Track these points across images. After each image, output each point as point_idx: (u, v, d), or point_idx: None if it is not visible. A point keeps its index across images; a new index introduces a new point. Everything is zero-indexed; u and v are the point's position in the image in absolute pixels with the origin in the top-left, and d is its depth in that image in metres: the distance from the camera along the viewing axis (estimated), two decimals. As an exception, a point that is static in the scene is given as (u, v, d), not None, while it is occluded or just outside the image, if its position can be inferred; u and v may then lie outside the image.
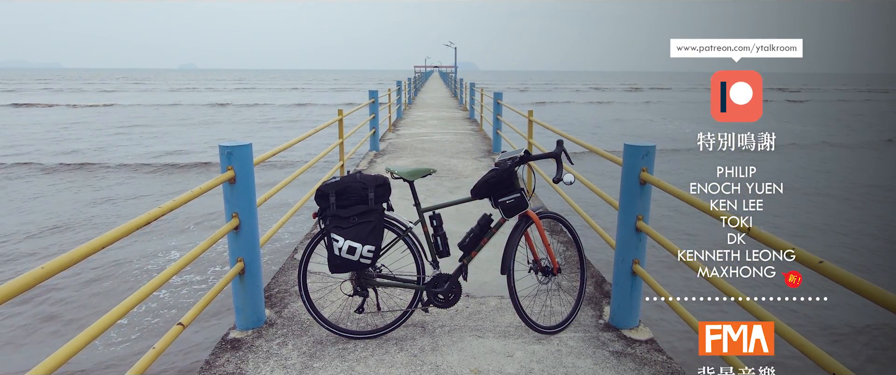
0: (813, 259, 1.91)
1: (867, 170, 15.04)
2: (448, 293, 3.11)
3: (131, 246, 8.08)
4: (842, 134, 23.77)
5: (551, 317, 3.34)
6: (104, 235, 1.98)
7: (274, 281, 4.04)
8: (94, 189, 12.42)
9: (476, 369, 2.84)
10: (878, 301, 1.64)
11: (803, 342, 1.98)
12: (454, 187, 7.09)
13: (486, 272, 4.10)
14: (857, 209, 10.81)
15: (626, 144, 3.16)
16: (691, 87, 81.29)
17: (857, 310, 5.68)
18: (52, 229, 9.19)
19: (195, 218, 9.50)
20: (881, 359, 5.23)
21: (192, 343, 5.26)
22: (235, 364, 2.90)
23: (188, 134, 23.15)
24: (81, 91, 61.95)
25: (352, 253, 2.87)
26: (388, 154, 9.90)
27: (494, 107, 10.51)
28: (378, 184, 2.96)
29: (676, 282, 6.56)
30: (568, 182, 3.01)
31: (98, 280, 6.98)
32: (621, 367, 2.89)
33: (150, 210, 2.30)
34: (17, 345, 5.42)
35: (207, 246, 2.85)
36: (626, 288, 3.26)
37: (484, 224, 3.09)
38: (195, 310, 2.73)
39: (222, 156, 3.05)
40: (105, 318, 2.02)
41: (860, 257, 8.00)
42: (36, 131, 23.29)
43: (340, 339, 3.14)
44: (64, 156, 16.69)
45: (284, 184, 4.52)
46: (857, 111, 37.61)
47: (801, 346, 1.97)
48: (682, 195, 2.78)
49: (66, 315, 6.03)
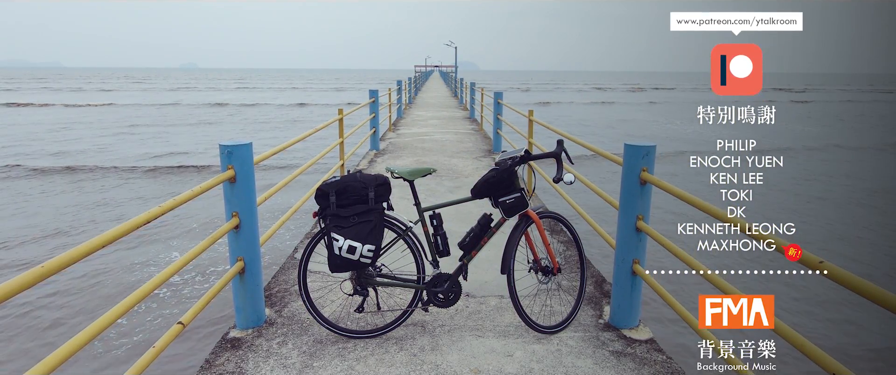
0: (813, 259, 1.92)
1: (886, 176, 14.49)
2: (448, 292, 3.11)
3: (131, 245, 8.08)
4: (858, 135, 23.07)
5: (551, 317, 3.34)
6: (104, 234, 1.98)
7: (274, 281, 4.04)
8: (82, 193, 11.84)
9: (476, 368, 2.84)
10: (879, 301, 1.64)
11: (803, 342, 1.98)
12: (454, 187, 7.09)
13: (486, 271, 4.10)
14: (885, 215, 10.33)
15: (627, 144, 3.16)
16: (694, 88, 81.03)
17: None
18: (35, 237, 8.77)
19: (199, 219, 9.50)
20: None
21: (193, 342, 5.26)
22: (235, 364, 2.90)
23: (184, 136, 22.40)
24: (81, 90, 61.74)
25: (352, 253, 2.87)
26: (389, 153, 9.90)
27: (495, 106, 10.51)
28: (378, 184, 2.96)
29: (676, 282, 6.56)
30: (568, 181, 3.01)
31: (98, 279, 6.98)
32: (621, 367, 2.89)
33: (149, 209, 2.30)
34: (16, 344, 5.42)
35: (207, 245, 2.85)
36: (626, 288, 3.26)
37: (484, 223, 3.09)
38: (195, 309, 2.73)
39: (222, 156, 3.05)
40: (105, 317, 2.02)
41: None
42: (31, 132, 22.70)
43: (340, 338, 3.14)
44: (51, 158, 16.02)
45: (284, 184, 4.52)
46: (868, 111, 36.93)
47: (801, 346, 1.97)
48: (682, 195, 2.78)
49: (65, 315, 6.03)
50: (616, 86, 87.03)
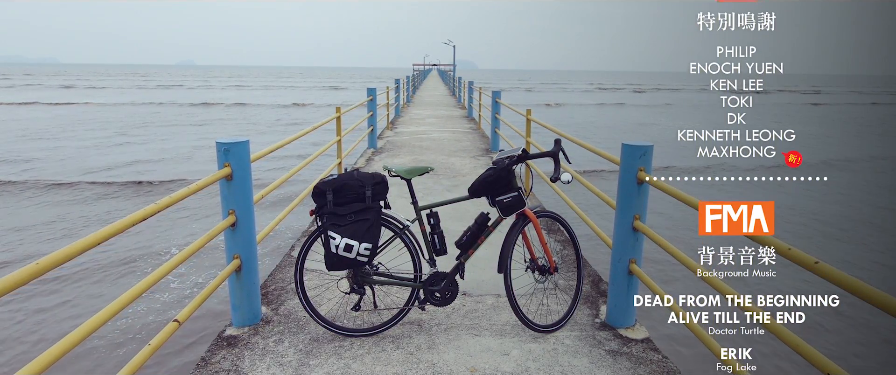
0: (809, 259, 1.92)
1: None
2: (445, 291, 3.11)
3: (126, 242, 8.06)
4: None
5: (548, 316, 3.34)
6: (99, 231, 1.97)
7: (270, 279, 4.03)
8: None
9: (473, 367, 2.84)
10: (873, 302, 1.64)
11: (799, 342, 1.99)
12: (452, 185, 7.09)
13: (483, 270, 4.10)
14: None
15: (624, 144, 3.16)
16: (702, 89, 79.87)
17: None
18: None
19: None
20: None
21: (188, 339, 5.25)
22: (231, 361, 2.89)
23: (153, 142, 19.39)
24: (73, 87, 60.28)
25: (349, 251, 2.87)
26: (386, 152, 9.89)
27: (493, 105, 10.51)
28: (375, 182, 2.96)
29: (673, 282, 6.57)
30: (566, 181, 3.01)
31: (93, 277, 6.96)
32: (617, 366, 2.89)
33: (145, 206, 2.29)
34: (11, 342, 5.40)
35: (204, 242, 2.85)
36: (623, 288, 3.26)
37: (481, 222, 3.09)
38: (191, 307, 2.72)
39: (219, 153, 3.04)
40: (100, 315, 2.01)
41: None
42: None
43: (337, 337, 3.14)
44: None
45: (282, 182, 4.51)
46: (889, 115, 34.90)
47: (797, 346, 1.98)
48: (679, 195, 2.78)
49: (60, 312, 6.01)
50: (622, 86, 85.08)
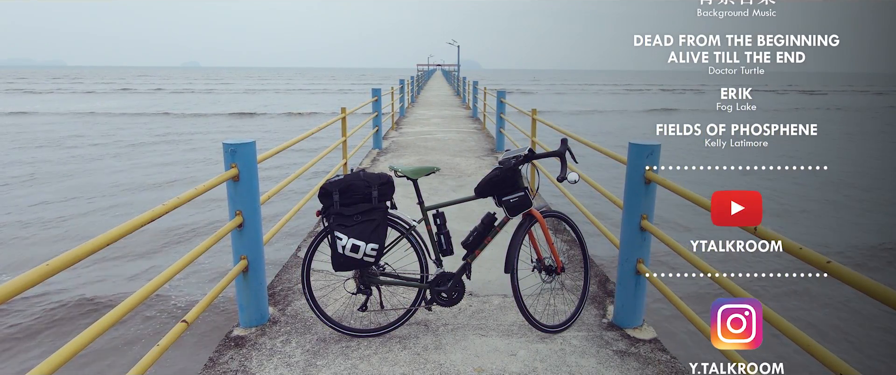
0: (821, 259, 1.90)
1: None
2: (451, 291, 3.10)
3: (133, 245, 8.10)
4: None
5: (555, 316, 3.33)
6: (107, 233, 1.97)
7: (277, 279, 4.04)
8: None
9: (479, 367, 2.84)
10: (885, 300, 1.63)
11: (805, 339, 1.97)
12: (457, 186, 7.08)
13: (489, 270, 4.09)
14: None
15: (631, 143, 3.14)
16: (706, 88, 78.27)
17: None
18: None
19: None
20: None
21: (196, 340, 5.27)
22: (239, 362, 2.90)
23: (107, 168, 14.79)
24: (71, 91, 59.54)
25: (355, 252, 2.87)
26: (391, 152, 9.89)
27: (498, 105, 10.50)
28: (381, 183, 2.96)
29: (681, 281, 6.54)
30: (572, 181, 3.00)
31: (102, 277, 6.99)
32: (625, 366, 2.88)
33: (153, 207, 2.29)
34: (19, 344, 5.44)
35: (211, 244, 2.85)
36: (630, 288, 3.25)
37: (487, 222, 3.08)
38: (199, 308, 2.73)
39: (226, 154, 3.04)
40: (109, 315, 2.02)
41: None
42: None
43: (344, 337, 3.14)
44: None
45: (288, 182, 4.52)
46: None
47: (808, 347, 1.96)
48: (687, 194, 2.77)
49: (69, 314, 6.05)
50: (641, 86, 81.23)
